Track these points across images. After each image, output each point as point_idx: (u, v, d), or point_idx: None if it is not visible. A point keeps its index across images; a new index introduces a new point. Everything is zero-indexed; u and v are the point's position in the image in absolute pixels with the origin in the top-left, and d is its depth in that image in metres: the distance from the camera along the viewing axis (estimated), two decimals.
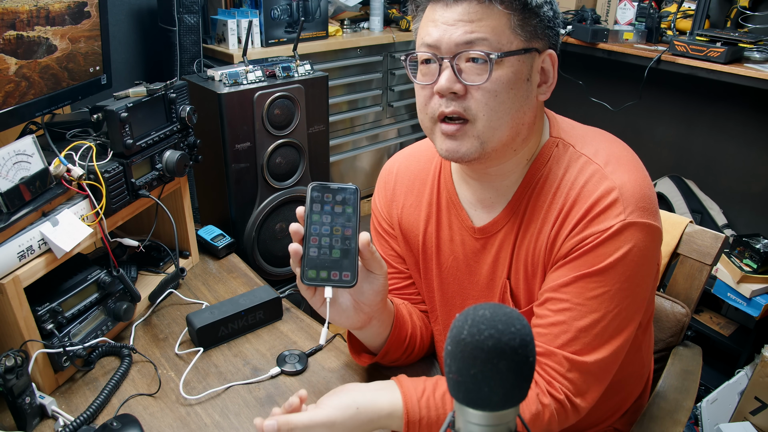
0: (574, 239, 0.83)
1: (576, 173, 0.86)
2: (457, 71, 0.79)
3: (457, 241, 0.98)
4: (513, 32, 0.79)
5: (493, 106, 0.79)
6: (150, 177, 1.13)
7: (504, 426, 0.46)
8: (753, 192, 2.29)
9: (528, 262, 0.91)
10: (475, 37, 0.78)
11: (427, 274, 1.05)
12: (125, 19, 2.01)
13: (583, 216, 0.83)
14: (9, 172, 0.87)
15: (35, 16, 1.07)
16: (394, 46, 2.47)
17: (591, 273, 0.81)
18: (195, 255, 1.37)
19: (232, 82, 1.43)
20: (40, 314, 0.92)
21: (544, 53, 0.83)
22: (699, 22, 2.01)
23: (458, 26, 0.78)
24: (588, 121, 0.97)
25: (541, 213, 0.88)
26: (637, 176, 0.84)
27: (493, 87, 0.78)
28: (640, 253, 0.81)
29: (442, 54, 0.80)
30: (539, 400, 0.82)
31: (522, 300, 0.94)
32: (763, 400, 1.72)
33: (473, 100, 0.80)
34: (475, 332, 0.44)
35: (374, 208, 1.11)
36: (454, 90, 0.79)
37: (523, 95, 0.81)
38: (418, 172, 1.04)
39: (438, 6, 0.81)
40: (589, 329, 0.81)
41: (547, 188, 0.88)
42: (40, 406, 0.92)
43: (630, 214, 0.81)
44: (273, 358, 1.07)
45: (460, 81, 0.79)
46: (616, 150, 0.89)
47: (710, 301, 2.14)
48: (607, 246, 0.80)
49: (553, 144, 0.89)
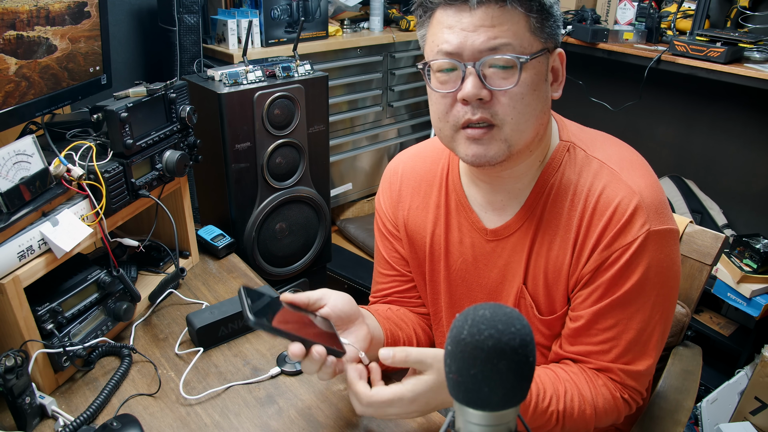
0: (602, 253, 0.84)
1: (591, 178, 0.86)
2: (482, 77, 0.78)
3: (467, 243, 0.98)
4: (533, 34, 0.78)
5: (521, 109, 0.79)
6: (150, 177, 1.13)
7: (504, 426, 0.46)
8: (753, 192, 2.29)
9: (549, 269, 0.90)
10: (499, 42, 0.76)
11: (433, 277, 1.05)
12: (125, 19, 2.01)
13: (606, 226, 0.84)
14: (9, 172, 0.87)
15: (35, 16, 1.07)
16: (394, 46, 2.47)
17: (629, 290, 0.84)
18: (195, 255, 1.37)
19: (232, 82, 1.43)
20: (40, 314, 0.92)
21: (555, 52, 0.83)
22: (699, 22, 2.01)
23: (480, 32, 0.76)
24: (588, 121, 0.97)
25: (561, 219, 0.88)
26: (651, 180, 0.86)
27: (520, 90, 0.78)
28: (668, 259, 0.84)
29: (465, 60, 0.78)
30: (613, 394, 0.87)
31: (543, 307, 0.93)
32: (763, 400, 1.72)
33: (500, 105, 0.78)
34: (475, 332, 0.44)
35: (378, 209, 1.10)
36: (481, 96, 0.78)
37: (543, 96, 0.82)
38: (425, 174, 1.03)
39: (451, 10, 0.78)
40: (637, 339, 0.86)
41: (562, 193, 0.88)
42: (40, 406, 0.92)
43: (653, 222, 0.83)
44: (273, 358, 1.07)
45: (486, 87, 0.78)
46: (627, 154, 0.90)
47: (710, 301, 2.14)
48: (637, 258, 0.83)
49: (564, 148, 0.89)
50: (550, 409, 0.83)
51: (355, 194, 2.69)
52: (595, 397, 0.86)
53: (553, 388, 0.84)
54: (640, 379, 0.89)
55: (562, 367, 0.90)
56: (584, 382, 0.87)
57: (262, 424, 0.93)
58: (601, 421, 0.88)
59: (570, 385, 0.86)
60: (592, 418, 0.86)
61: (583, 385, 0.86)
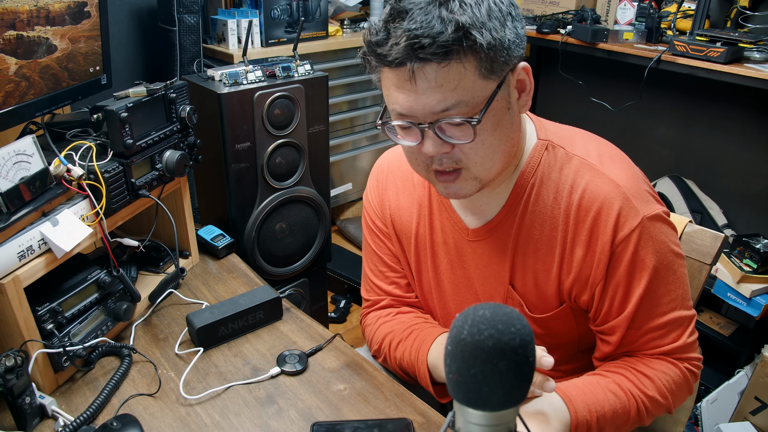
0: (605, 250, 0.85)
1: (573, 174, 0.87)
2: (440, 132, 0.77)
3: (451, 243, 0.98)
4: (485, 78, 0.74)
5: (484, 152, 0.79)
6: (150, 177, 1.13)
7: (504, 426, 0.46)
8: (753, 192, 2.29)
9: (538, 268, 0.91)
10: (449, 104, 0.74)
11: (420, 276, 1.05)
12: (125, 19, 2.01)
13: (596, 220, 0.84)
14: (9, 172, 0.87)
15: (35, 16, 1.07)
16: None
17: (650, 279, 0.85)
18: (195, 255, 1.37)
19: (232, 82, 1.43)
20: (40, 314, 0.92)
21: (517, 68, 0.79)
22: (699, 22, 2.01)
23: (428, 94, 0.73)
24: (588, 121, 0.97)
25: (545, 217, 0.88)
26: (632, 171, 0.88)
27: (480, 139, 0.77)
28: (669, 236, 0.87)
29: (419, 121, 0.77)
30: (679, 371, 0.90)
31: (534, 305, 0.94)
32: (763, 400, 1.72)
33: (463, 153, 0.79)
34: (475, 332, 0.44)
35: (367, 205, 1.10)
36: (443, 151, 0.78)
37: (507, 126, 0.80)
38: (410, 173, 1.03)
39: (397, 72, 0.74)
40: (675, 318, 0.88)
41: (545, 192, 0.88)
42: (40, 406, 0.92)
43: (644, 209, 0.84)
44: (273, 358, 1.07)
45: (446, 141, 0.77)
46: (605, 148, 0.91)
47: (710, 301, 2.14)
48: (644, 246, 0.84)
49: (543, 146, 0.89)
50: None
51: (355, 194, 2.69)
52: (659, 379, 0.89)
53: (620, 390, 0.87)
54: (692, 346, 0.91)
55: (608, 370, 0.91)
56: (645, 370, 0.90)
57: (262, 424, 0.93)
58: (677, 398, 0.91)
59: (630, 380, 0.89)
60: (666, 397, 0.89)
61: (648, 371, 0.89)
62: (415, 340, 0.99)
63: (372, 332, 1.09)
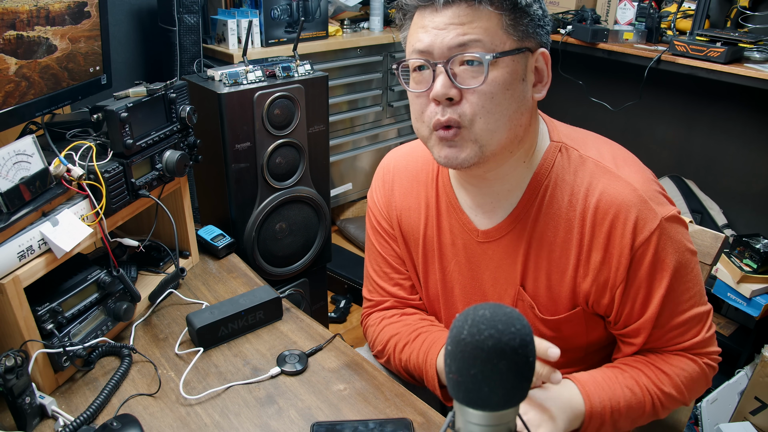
0: (625, 253, 0.85)
1: (589, 177, 0.86)
2: (452, 75, 0.78)
3: (459, 245, 0.97)
4: (505, 32, 0.78)
5: (490, 108, 0.78)
6: (150, 177, 1.13)
7: (504, 426, 0.46)
8: (753, 192, 2.29)
9: (552, 270, 0.90)
10: (467, 39, 0.77)
11: (427, 278, 1.04)
12: (125, 19, 2.01)
13: (613, 223, 0.85)
14: (9, 172, 0.87)
15: (35, 16, 1.07)
16: (394, 46, 2.47)
17: (671, 279, 0.87)
18: (195, 255, 1.37)
19: (232, 82, 1.43)
20: (40, 314, 0.92)
21: (537, 52, 0.82)
22: (699, 22, 2.01)
23: (449, 30, 0.77)
24: (588, 121, 0.97)
25: (560, 220, 0.88)
26: (647, 174, 0.88)
27: (489, 89, 0.78)
28: (685, 239, 0.88)
29: (435, 59, 0.79)
30: (698, 366, 0.93)
31: (545, 308, 0.93)
32: (763, 400, 1.72)
33: (468, 104, 0.78)
34: (475, 332, 0.44)
35: (372, 205, 1.09)
36: (450, 95, 0.78)
37: (519, 96, 0.81)
38: (416, 173, 1.02)
39: (426, 11, 0.80)
40: (694, 315, 0.91)
41: (559, 194, 0.88)
42: (40, 406, 0.92)
43: (661, 211, 0.84)
44: (273, 358, 1.07)
45: (456, 85, 0.78)
46: (618, 151, 0.91)
47: (710, 301, 2.12)
48: (664, 248, 0.85)
49: (556, 148, 0.89)
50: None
51: (355, 194, 2.69)
52: (677, 375, 0.91)
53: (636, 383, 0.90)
54: (711, 340, 0.94)
55: (627, 363, 0.93)
56: (660, 366, 0.92)
57: (262, 424, 0.93)
58: (693, 393, 0.95)
59: (645, 374, 0.91)
60: (682, 393, 0.91)
61: (663, 367, 0.92)
62: (423, 343, 0.99)
63: (375, 333, 1.09)
